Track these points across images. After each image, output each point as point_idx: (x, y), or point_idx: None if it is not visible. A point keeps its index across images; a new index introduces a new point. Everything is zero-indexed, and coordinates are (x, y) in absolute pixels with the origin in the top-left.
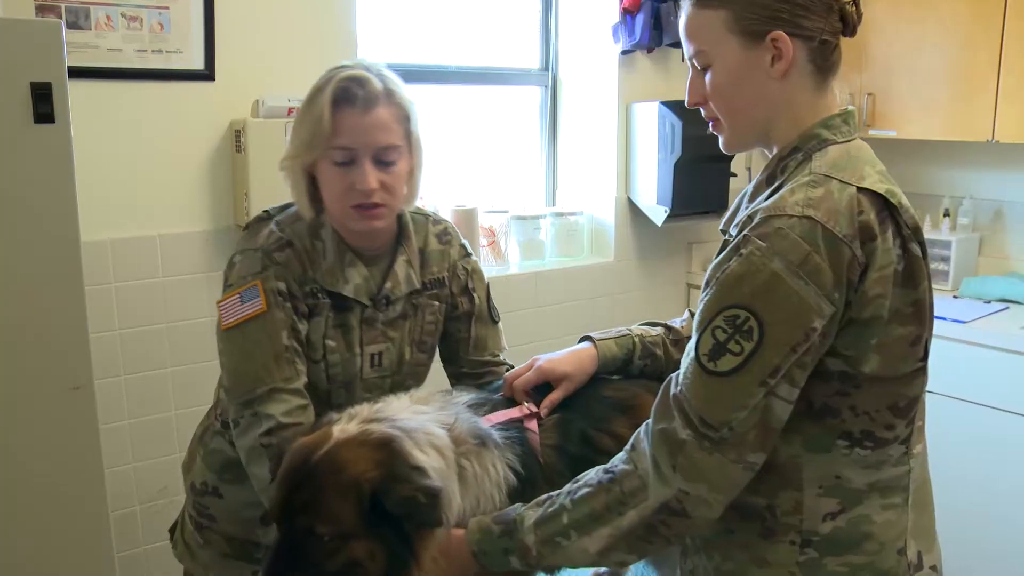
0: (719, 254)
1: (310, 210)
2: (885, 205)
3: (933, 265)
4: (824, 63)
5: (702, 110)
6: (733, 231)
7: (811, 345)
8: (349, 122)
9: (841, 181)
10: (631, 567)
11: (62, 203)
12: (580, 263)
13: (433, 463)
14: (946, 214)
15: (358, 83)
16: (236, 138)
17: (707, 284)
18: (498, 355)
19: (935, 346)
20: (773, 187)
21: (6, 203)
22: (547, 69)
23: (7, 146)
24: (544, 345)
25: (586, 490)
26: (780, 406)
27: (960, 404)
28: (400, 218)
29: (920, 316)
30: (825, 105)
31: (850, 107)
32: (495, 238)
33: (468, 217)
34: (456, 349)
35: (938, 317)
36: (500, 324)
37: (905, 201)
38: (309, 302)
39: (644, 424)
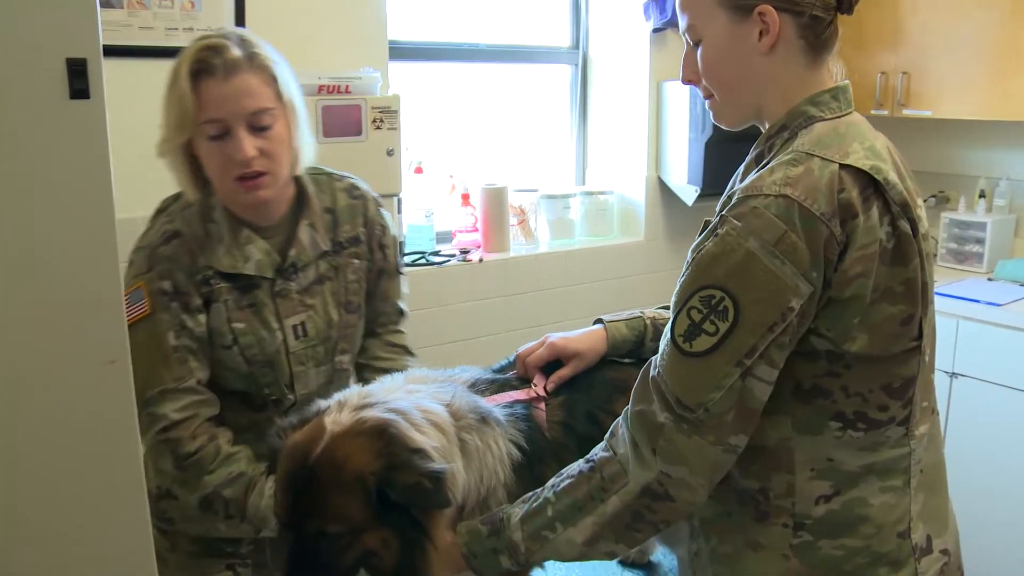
0: (699, 234)
1: (195, 191)
2: (870, 182)
3: (967, 247)
4: (816, 39)
5: (698, 90)
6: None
7: (788, 325)
8: (212, 93)
9: (823, 158)
10: (657, 548)
11: (97, 179)
12: (610, 242)
13: (433, 442)
14: (982, 195)
15: (214, 52)
16: None
17: (686, 265)
18: (397, 303)
19: (969, 329)
20: (760, 166)
21: (42, 178)
22: (577, 47)
23: (44, 121)
24: (573, 324)
25: (568, 481)
26: (759, 387)
27: (995, 388)
28: (297, 182)
29: (912, 295)
30: (818, 82)
31: (843, 82)
32: (525, 217)
33: (498, 195)
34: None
35: (972, 300)
36: (403, 273)
37: (892, 177)
38: (203, 291)
39: (623, 411)
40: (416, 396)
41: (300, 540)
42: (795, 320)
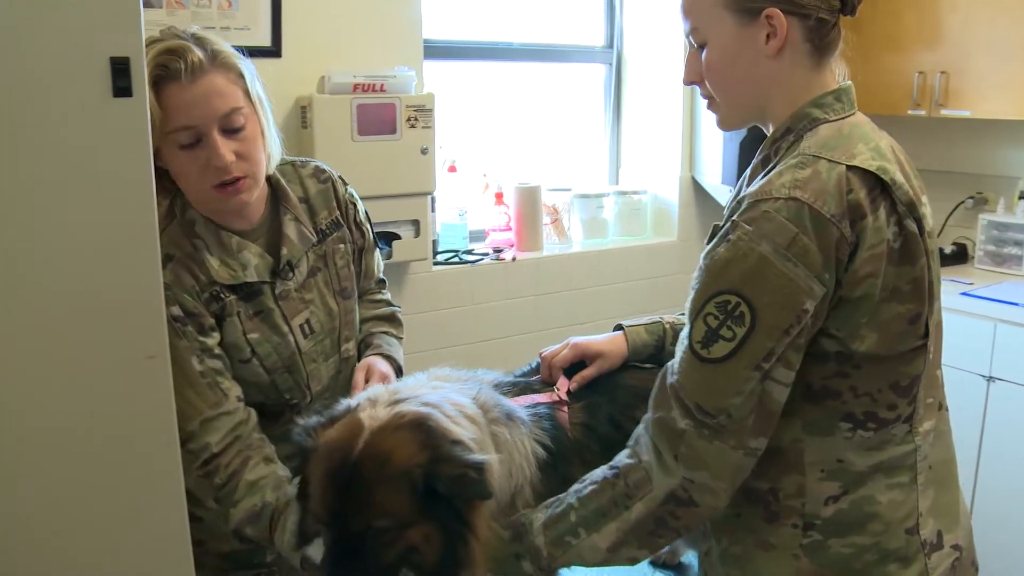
0: (709, 240)
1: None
2: (877, 182)
3: (1006, 249)
4: (821, 42)
5: (699, 88)
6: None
7: (803, 326)
8: (179, 99)
9: (830, 160)
10: (688, 550)
11: (139, 176)
12: (643, 242)
13: (469, 434)
14: (1021, 196)
15: (175, 55)
16: (302, 114)
17: (698, 271)
18: (379, 275)
19: (1007, 333)
20: (767, 169)
21: (85, 174)
22: (612, 46)
23: (88, 119)
24: (606, 323)
25: (592, 487)
26: (777, 389)
27: None
28: (269, 180)
29: (919, 294)
30: (821, 84)
31: (846, 83)
32: (558, 216)
33: (531, 194)
34: None
35: (1011, 303)
36: (379, 245)
37: (898, 177)
38: (214, 308)
39: (644, 417)
40: (443, 391)
41: (342, 538)
42: (809, 322)
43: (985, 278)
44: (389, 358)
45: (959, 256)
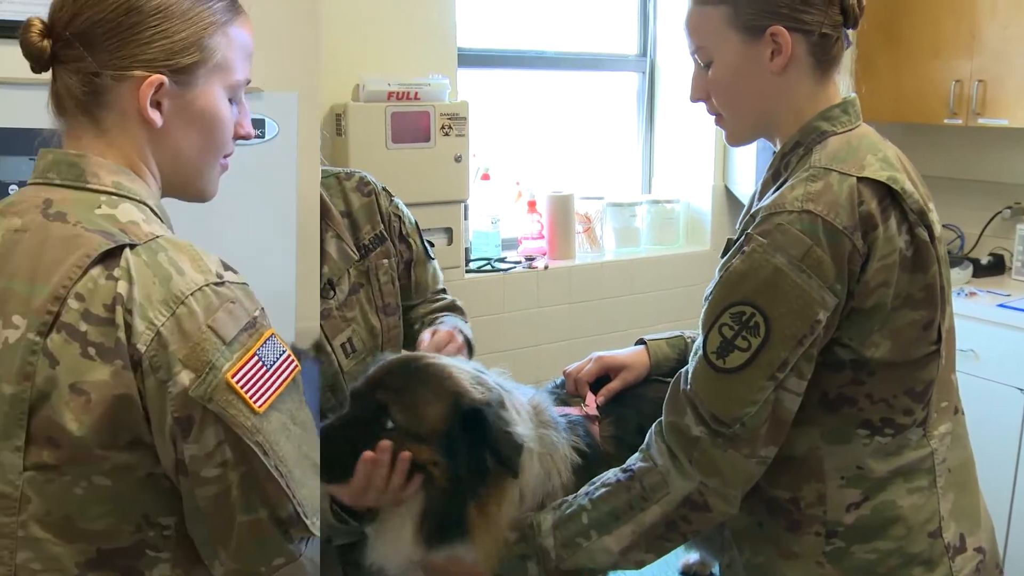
0: (724, 254)
1: None
2: (888, 192)
3: None
4: (825, 56)
5: (705, 105)
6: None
7: (816, 337)
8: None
9: (841, 173)
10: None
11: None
12: (675, 251)
13: (526, 431)
14: None
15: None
16: (337, 121)
17: (713, 284)
18: (437, 287)
19: None
20: (778, 183)
21: None
22: (645, 55)
23: None
24: (638, 333)
25: (604, 490)
26: (789, 399)
27: None
28: None
29: (932, 300)
30: (826, 97)
31: (851, 95)
32: (590, 225)
33: (564, 203)
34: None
35: None
36: (434, 257)
37: (908, 186)
38: None
39: (656, 423)
40: (507, 383)
41: (358, 410)
42: (821, 332)
43: (1022, 290)
44: (456, 328)
45: (996, 267)
